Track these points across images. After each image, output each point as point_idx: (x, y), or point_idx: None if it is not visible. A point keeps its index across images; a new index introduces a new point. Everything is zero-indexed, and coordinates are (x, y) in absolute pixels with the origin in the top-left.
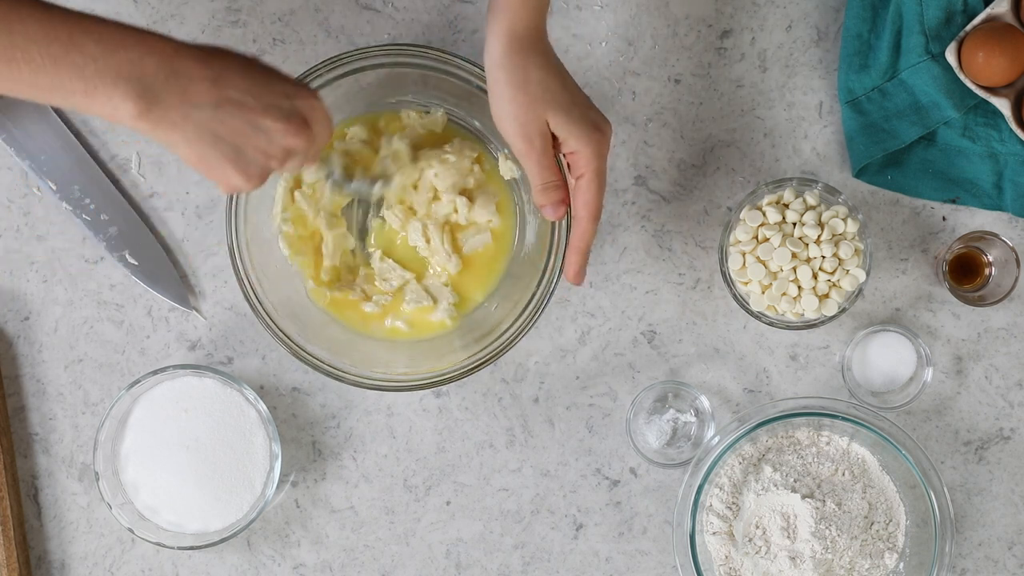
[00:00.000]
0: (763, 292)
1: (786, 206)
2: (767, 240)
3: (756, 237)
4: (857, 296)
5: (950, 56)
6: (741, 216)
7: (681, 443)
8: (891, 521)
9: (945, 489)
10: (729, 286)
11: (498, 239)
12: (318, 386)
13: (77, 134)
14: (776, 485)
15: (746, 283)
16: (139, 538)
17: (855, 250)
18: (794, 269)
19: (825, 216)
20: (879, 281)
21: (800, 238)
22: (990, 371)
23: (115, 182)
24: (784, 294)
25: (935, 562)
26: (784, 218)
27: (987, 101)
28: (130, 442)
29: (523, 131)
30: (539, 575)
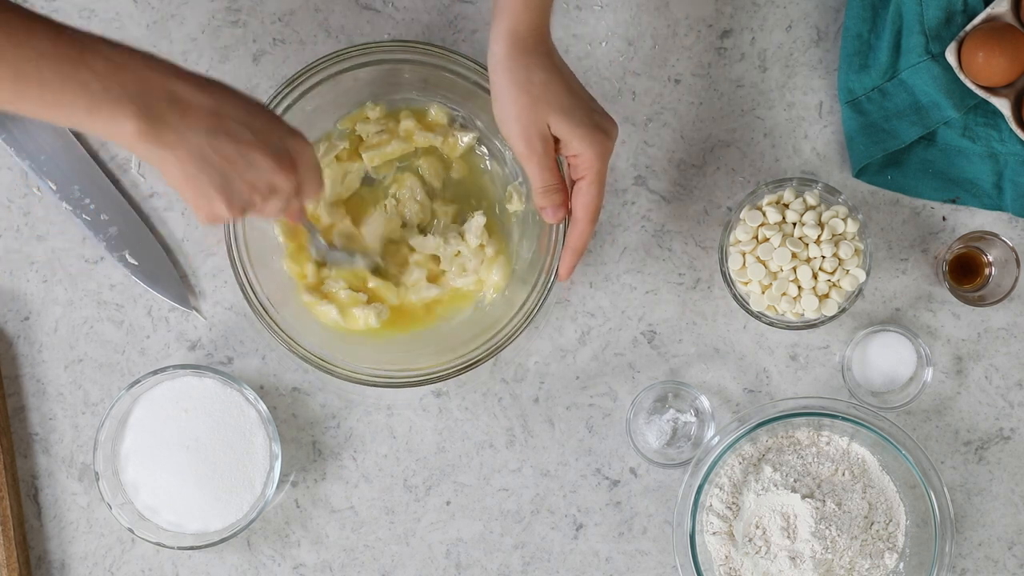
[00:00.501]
0: (763, 292)
1: (786, 206)
2: (767, 240)
3: (756, 237)
4: (857, 296)
5: (950, 56)
6: (741, 216)
7: (681, 443)
8: (891, 521)
9: (945, 489)
10: (729, 286)
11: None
12: (318, 386)
13: (77, 134)
14: (776, 485)
15: (746, 283)
16: (139, 538)
17: (855, 250)
18: (794, 269)
19: (825, 216)
20: (879, 281)
21: (800, 238)
22: (990, 371)
23: (115, 182)
24: (784, 294)
25: (935, 562)
26: (784, 218)
27: (987, 101)
28: (130, 442)
29: (524, 133)
30: (539, 575)
